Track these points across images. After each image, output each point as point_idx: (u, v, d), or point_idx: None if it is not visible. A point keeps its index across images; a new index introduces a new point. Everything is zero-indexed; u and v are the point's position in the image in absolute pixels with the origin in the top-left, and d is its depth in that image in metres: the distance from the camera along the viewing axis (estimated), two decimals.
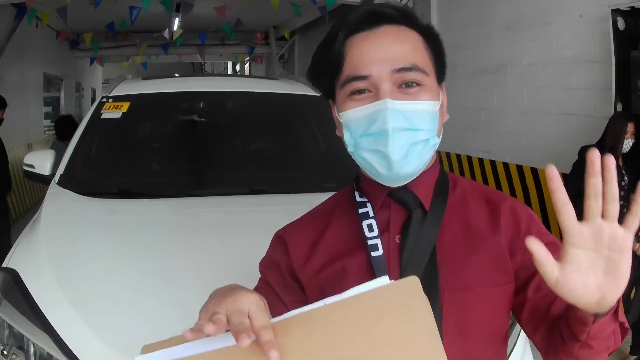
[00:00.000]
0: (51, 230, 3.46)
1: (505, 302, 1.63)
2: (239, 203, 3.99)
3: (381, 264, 1.61)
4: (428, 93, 1.56)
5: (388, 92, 1.52)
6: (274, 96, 5.30)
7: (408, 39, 1.58)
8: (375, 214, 1.67)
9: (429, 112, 1.55)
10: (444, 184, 1.70)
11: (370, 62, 1.54)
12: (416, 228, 1.62)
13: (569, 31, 7.31)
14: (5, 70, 11.87)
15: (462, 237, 1.64)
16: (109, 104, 4.76)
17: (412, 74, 1.54)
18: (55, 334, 2.56)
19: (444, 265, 1.58)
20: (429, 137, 1.56)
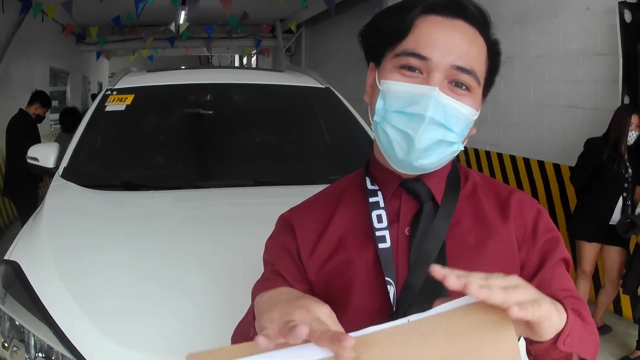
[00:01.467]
0: (54, 223, 3.45)
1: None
2: (244, 195, 3.97)
3: (389, 256, 1.59)
4: (473, 101, 1.54)
5: (438, 82, 1.49)
6: (279, 88, 5.28)
7: (477, 44, 1.55)
8: (385, 204, 1.65)
9: (467, 118, 1.53)
10: (456, 177, 1.69)
11: (436, 46, 1.50)
12: (427, 222, 1.60)
13: (575, 24, 7.28)
14: (12, 64, 11.88)
15: (472, 231, 1.62)
16: (113, 96, 4.76)
17: (468, 77, 1.51)
18: (55, 326, 2.55)
19: (453, 260, 1.56)
20: (455, 141, 1.53)
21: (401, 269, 1.58)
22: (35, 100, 8.91)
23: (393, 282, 1.57)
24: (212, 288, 2.79)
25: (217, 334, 2.53)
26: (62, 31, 16.26)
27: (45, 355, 2.54)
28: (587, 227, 6.21)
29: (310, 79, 5.41)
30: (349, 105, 5.06)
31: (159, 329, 2.56)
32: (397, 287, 1.57)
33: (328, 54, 16.57)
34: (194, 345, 2.45)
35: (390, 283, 1.57)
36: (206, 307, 2.66)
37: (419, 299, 1.54)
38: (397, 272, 1.58)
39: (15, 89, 11.91)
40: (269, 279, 1.72)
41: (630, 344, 6.04)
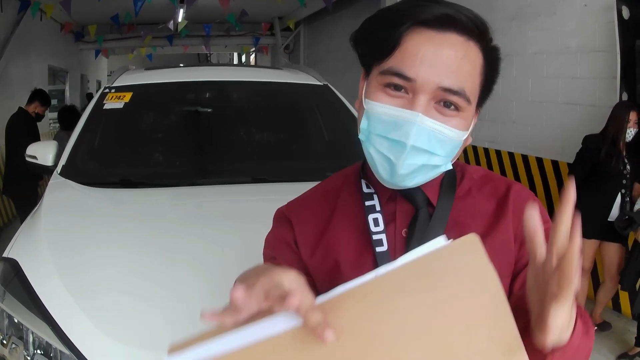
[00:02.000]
0: (52, 220, 3.46)
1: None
2: (242, 192, 3.97)
3: (386, 259, 1.56)
4: (462, 122, 1.47)
5: (423, 105, 1.42)
6: (277, 85, 5.29)
7: (470, 59, 1.46)
8: (381, 208, 1.63)
9: (453, 140, 1.47)
10: (452, 178, 1.65)
11: (422, 65, 1.42)
12: (423, 225, 1.58)
13: (573, 20, 7.29)
14: (10, 63, 11.88)
15: (468, 230, 1.45)
16: (111, 94, 4.76)
17: (456, 97, 1.43)
18: (54, 324, 2.56)
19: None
20: (441, 164, 1.49)
21: None
22: (34, 98, 8.91)
23: None
24: (209, 285, 2.79)
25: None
26: (60, 30, 16.26)
27: (44, 352, 2.55)
28: (586, 224, 6.13)
29: (308, 76, 5.42)
30: (347, 102, 5.06)
31: (156, 325, 2.57)
32: None
33: (327, 52, 16.57)
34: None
35: None
36: (203, 304, 2.65)
37: None
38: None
39: (14, 87, 11.92)
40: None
41: (629, 340, 6.05)
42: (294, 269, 1.20)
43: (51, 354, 2.53)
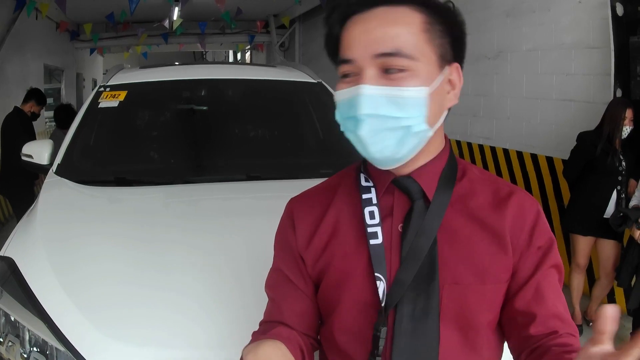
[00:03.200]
0: (48, 219, 3.46)
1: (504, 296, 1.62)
2: (236, 189, 3.98)
3: (380, 252, 1.61)
4: (415, 79, 1.50)
5: (369, 78, 1.50)
6: (271, 83, 5.29)
7: (400, 21, 1.52)
8: (378, 201, 1.67)
9: (412, 99, 1.50)
10: (451, 174, 1.67)
11: (355, 45, 1.53)
12: (418, 219, 1.61)
13: (568, 17, 7.31)
14: (6, 62, 11.88)
15: (465, 230, 1.62)
16: (106, 93, 4.76)
17: (395, 59, 1.49)
18: (49, 321, 2.56)
19: (444, 258, 1.59)
20: (411, 124, 1.51)
21: (393, 265, 1.61)
22: (30, 98, 8.92)
23: (383, 277, 1.60)
24: (205, 281, 2.80)
25: (209, 327, 2.56)
26: (56, 28, 16.25)
27: (40, 349, 2.56)
28: (582, 220, 6.23)
29: (302, 73, 5.42)
30: None
31: (152, 322, 2.58)
32: (388, 282, 1.60)
33: (321, 49, 16.24)
34: (186, 338, 2.48)
35: (380, 279, 1.60)
36: (199, 301, 2.68)
37: (409, 294, 1.58)
38: (388, 268, 1.61)
39: (9, 86, 11.92)
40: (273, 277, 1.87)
41: (625, 336, 6.05)
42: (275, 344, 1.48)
43: (47, 351, 2.53)
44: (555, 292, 1.61)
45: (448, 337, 1.58)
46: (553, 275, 1.62)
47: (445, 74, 1.58)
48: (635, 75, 6.51)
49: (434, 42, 1.54)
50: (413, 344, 1.58)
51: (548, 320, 1.55)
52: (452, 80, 1.60)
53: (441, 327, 1.58)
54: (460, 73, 1.62)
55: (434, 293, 1.57)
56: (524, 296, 1.59)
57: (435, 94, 1.54)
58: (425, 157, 1.63)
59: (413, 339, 1.58)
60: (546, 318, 1.55)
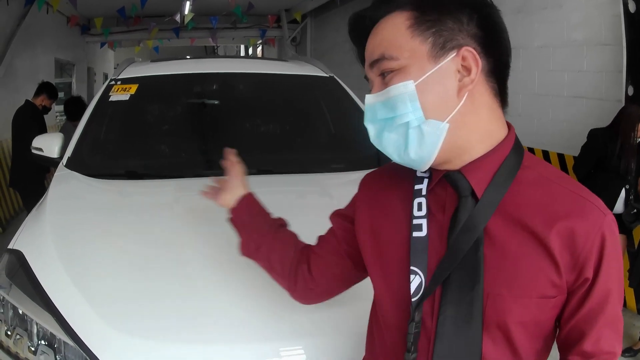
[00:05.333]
0: (57, 212, 3.46)
1: (553, 311, 1.56)
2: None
3: (422, 245, 1.60)
4: (401, 75, 1.53)
5: (374, 87, 1.61)
6: (282, 77, 5.29)
7: (385, 27, 1.59)
8: (427, 193, 1.65)
9: (397, 96, 1.53)
10: (510, 171, 1.58)
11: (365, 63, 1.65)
12: (463, 215, 1.57)
13: (579, 13, 7.28)
14: (17, 56, 11.88)
15: (515, 236, 1.53)
16: (117, 86, 4.77)
17: (383, 63, 1.57)
18: (58, 314, 2.56)
19: (491, 265, 1.53)
20: (408, 120, 1.52)
21: (433, 260, 1.58)
22: (41, 91, 8.91)
23: (421, 271, 1.58)
24: (215, 275, 2.81)
25: (218, 321, 2.55)
26: (67, 23, 16.26)
27: (48, 343, 2.55)
28: None
29: (315, 68, 5.43)
30: (353, 95, 5.06)
31: (161, 316, 2.58)
32: (427, 277, 1.58)
33: (333, 44, 16.53)
34: (195, 332, 2.48)
35: (415, 272, 1.59)
36: (208, 295, 2.68)
37: (454, 297, 1.55)
38: (430, 263, 1.58)
39: (20, 81, 11.93)
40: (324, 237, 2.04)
41: (634, 335, 6.05)
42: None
43: (55, 344, 2.53)
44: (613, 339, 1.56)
45: (490, 346, 1.55)
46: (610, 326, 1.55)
47: (447, 62, 1.53)
48: None
49: (423, 34, 1.53)
50: (454, 350, 1.55)
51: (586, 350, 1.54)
52: (465, 66, 1.54)
53: (484, 335, 1.54)
54: (475, 55, 1.54)
55: (477, 299, 1.52)
56: (573, 323, 1.55)
57: (429, 84, 1.52)
58: (472, 153, 1.58)
59: (454, 344, 1.55)
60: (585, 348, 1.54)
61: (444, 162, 1.58)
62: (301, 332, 2.54)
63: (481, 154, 1.58)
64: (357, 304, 2.49)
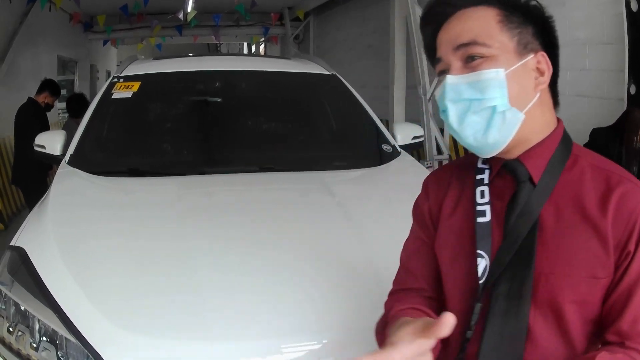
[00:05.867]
0: (60, 209, 3.48)
1: (601, 293, 1.63)
2: (248, 180, 4.00)
3: (486, 230, 1.74)
4: (492, 63, 1.65)
5: (453, 69, 1.69)
6: (285, 75, 5.32)
7: (474, 17, 1.71)
8: (490, 182, 1.80)
9: (489, 80, 1.64)
10: (562, 159, 1.72)
11: (441, 45, 1.74)
12: (521, 200, 1.70)
13: (581, 12, 7.27)
14: (19, 54, 11.87)
15: (568, 219, 1.66)
16: (119, 84, 4.78)
17: (472, 47, 1.66)
18: (60, 311, 2.57)
19: (543, 245, 1.66)
20: (494, 104, 1.63)
21: (496, 243, 1.72)
22: (44, 89, 8.90)
23: (486, 254, 1.73)
24: (218, 273, 2.82)
25: (222, 318, 2.56)
26: (69, 20, 16.23)
27: (50, 339, 2.56)
28: None
29: (317, 65, 5.44)
30: (355, 92, 5.08)
31: (163, 313, 2.58)
32: (490, 259, 1.72)
33: (336, 42, 16.53)
34: (198, 329, 2.49)
35: (482, 256, 1.73)
36: (211, 292, 2.69)
37: (506, 274, 1.68)
38: (492, 246, 1.73)
39: (22, 78, 11.91)
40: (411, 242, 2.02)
41: None
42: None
43: (57, 341, 2.54)
44: None
45: (539, 323, 1.66)
46: None
47: (528, 60, 1.69)
48: None
49: (511, 31, 1.69)
50: (504, 325, 1.66)
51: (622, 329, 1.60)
52: (539, 68, 1.70)
53: (532, 312, 1.65)
54: (548, 61, 1.72)
55: (528, 277, 1.64)
56: (612, 299, 1.62)
57: (515, 76, 1.66)
58: (529, 143, 1.72)
59: (504, 319, 1.66)
60: (621, 327, 1.60)
61: (507, 150, 1.70)
62: (303, 328, 2.55)
63: (536, 143, 1.72)
64: (361, 301, 2.52)
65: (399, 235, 3.02)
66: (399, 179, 4.25)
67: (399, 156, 4.52)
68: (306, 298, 2.67)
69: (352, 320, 2.55)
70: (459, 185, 1.89)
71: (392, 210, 3.55)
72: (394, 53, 10.68)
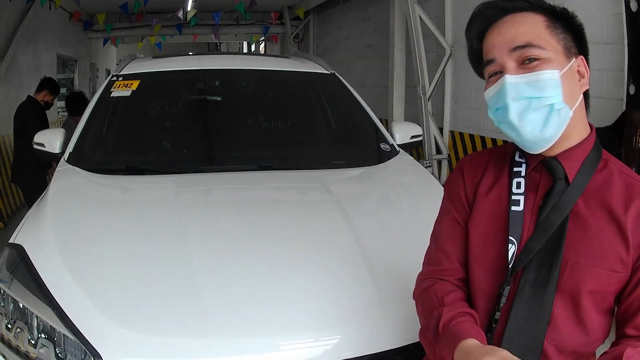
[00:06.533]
0: (58, 207, 3.49)
1: (616, 286, 1.80)
2: (246, 179, 4.01)
3: (519, 218, 1.88)
4: (548, 64, 1.76)
5: (509, 70, 1.79)
6: (284, 74, 5.34)
7: (526, 21, 1.81)
8: (526, 174, 1.92)
9: (548, 80, 1.75)
10: (594, 161, 1.86)
11: (494, 47, 1.83)
12: (556, 196, 1.84)
13: (581, 12, 7.14)
14: (19, 52, 11.86)
15: (595, 216, 1.81)
16: (118, 82, 4.79)
17: (528, 50, 1.77)
18: (57, 308, 2.58)
19: (572, 237, 1.80)
20: (552, 102, 1.74)
21: (527, 232, 1.87)
22: (43, 87, 8.90)
23: (516, 241, 1.87)
24: (216, 270, 2.83)
25: (218, 315, 2.57)
26: (69, 18, 16.23)
27: (47, 336, 2.57)
28: None
29: (316, 64, 5.44)
30: (354, 91, 5.09)
31: (160, 310, 2.59)
32: (519, 247, 1.86)
33: (336, 41, 16.53)
34: (194, 326, 2.49)
35: (512, 242, 1.87)
36: (208, 288, 2.69)
37: (535, 263, 1.83)
38: (522, 234, 1.87)
39: (22, 76, 11.91)
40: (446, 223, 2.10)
41: None
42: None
43: (54, 337, 2.55)
44: None
45: (560, 309, 1.81)
46: None
47: (572, 63, 1.82)
48: None
49: (558, 36, 1.81)
50: (529, 310, 1.82)
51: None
52: (580, 71, 1.84)
53: (556, 299, 1.80)
54: (586, 64, 1.86)
55: (556, 266, 1.79)
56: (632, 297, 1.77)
57: (567, 77, 1.79)
58: (570, 141, 1.85)
59: (530, 304, 1.82)
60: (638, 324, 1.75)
61: (552, 147, 1.84)
62: (300, 326, 2.56)
63: (573, 144, 1.86)
64: (357, 299, 2.53)
65: (396, 233, 3.03)
66: (397, 178, 4.27)
67: (397, 155, 4.53)
68: (303, 296, 2.69)
69: (349, 318, 2.56)
70: (495, 172, 2.01)
71: (390, 209, 3.56)
72: (394, 52, 10.70)
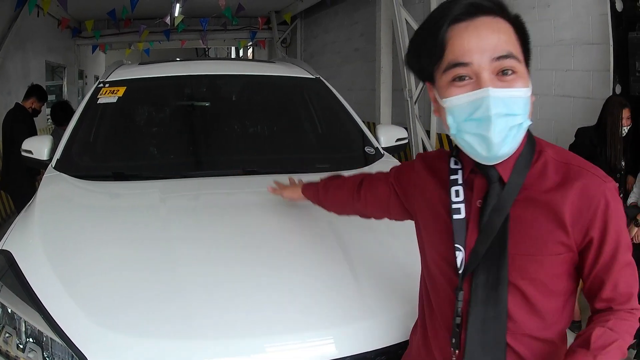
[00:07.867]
0: (46, 213, 3.50)
1: (565, 267, 1.84)
2: (232, 184, 4.04)
3: (462, 225, 1.90)
4: (521, 80, 1.74)
5: (488, 81, 1.71)
6: (269, 79, 5.35)
7: (503, 29, 1.75)
8: (464, 181, 1.94)
9: (523, 98, 1.74)
10: (527, 158, 1.86)
11: (472, 50, 1.72)
12: (493, 198, 1.85)
13: (567, 13, 7.32)
14: (8, 59, 11.87)
15: (531, 209, 1.82)
16: (105, 89, 4.80)
17: (509, 61, 1.72)
18: (45, 312, 2.59)
19: (514, 233, 1.82)
20: (522, 122, 1.74)
21: (471, 237, 1.88)
22: (31, 94, 8.90)
23: (463, 247, 1.89)
24: (200, 272, 2.85)
25: (205, 317, 2.58)
26: (57, 25, 16.24)
27: (36, 340, 2.58)
28: None
29: (301, 69, 5.47)
30: (339, 95, 5.12)
31: (148, 313, 2.60)
32: (466, 252, 1.88)
33: (323, 45, 16.57)
34: (181, 328, 2.50)
35: (459, 249, 1.89)
36: (195, 291, 2.71)
37: (483, 265, 1.85)
38: (467, 240, 1.89)
39: (11, 83, 11.92)
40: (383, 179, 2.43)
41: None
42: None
43: (43, 342, 2.56)
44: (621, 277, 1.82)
45: (513, 304, 1.83)
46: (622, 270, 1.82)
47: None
48: (634, 71, 6.52)
49: (522, 47, 1.80)
50: (486, 311, 1.84)
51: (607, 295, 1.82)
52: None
53: (509, 295, 1.82)
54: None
55: (503, 265, 1.81)
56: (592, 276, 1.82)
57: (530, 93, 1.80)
58: None
59: (486, 305, 1.84)
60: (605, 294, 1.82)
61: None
62: (286, 327, 2.57)
63: None
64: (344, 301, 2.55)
65: (380, 235, 3.05)
66: None
67: (382, 158, 4.55)
68: (288, 298, 2.70)
69: (333, 320, 2.59)
70: (434, 181, 2.05)
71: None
72: (380, 56, 10.72)
